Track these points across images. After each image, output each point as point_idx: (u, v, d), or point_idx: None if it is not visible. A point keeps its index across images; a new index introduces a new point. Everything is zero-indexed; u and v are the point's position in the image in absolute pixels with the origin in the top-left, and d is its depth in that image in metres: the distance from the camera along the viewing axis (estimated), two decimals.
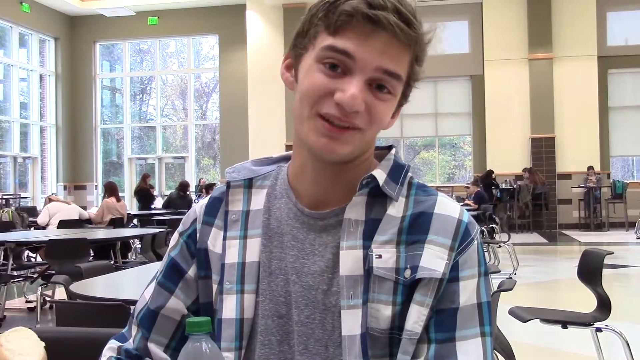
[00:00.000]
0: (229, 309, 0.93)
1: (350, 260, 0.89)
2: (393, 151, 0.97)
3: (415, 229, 0.89)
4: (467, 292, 0.88)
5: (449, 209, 0.91)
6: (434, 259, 0.87)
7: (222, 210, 0.98)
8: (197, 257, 0.97)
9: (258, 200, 0.98)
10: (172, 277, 0.98)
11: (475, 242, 0.91)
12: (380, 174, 0.91)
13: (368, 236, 0.89)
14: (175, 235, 1.01)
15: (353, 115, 0.85)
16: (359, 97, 0.84)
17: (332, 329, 0.89)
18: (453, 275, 0.88)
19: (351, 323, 0.87)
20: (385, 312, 0.87)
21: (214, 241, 0.97)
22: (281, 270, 0.93)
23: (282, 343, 0.91)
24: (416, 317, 0.86)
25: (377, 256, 0.88)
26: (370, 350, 0.86)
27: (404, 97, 0.93)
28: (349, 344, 0.86)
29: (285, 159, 1.03)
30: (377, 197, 0.91)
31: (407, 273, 0.87)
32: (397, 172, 0.94)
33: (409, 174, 0.95)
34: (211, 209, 0.99)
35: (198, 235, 0.98)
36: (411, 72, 0.90)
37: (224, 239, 0.96)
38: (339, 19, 0.85)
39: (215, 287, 0.95)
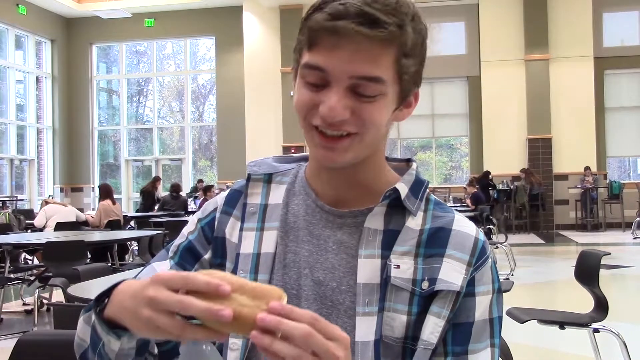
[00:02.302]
0: None
1: (368, 269, 0.91)
2: (414, 166, 1.01)
3: (434, 243, 0.92)
4: (481, 308, 0.92)
5: (466, 227, 0.95)
6: (452, 273, 0.90)
7: (241, 202, 1.01)
8: (213, 244, 0.99)
9: (277, 195, 1.00)
10: (188, 259, 1.00)
11: (490, 260, 0.94)
12: (402, 188, 0.94)
13: (386, 246, 0.92)
14: (194, 219, 1.03)
15: (339, 123, 0.86)
16: (337, 107, 0.85)
17: None
18: (469, 290, 0.91)
19: (365, 330, 0.89)
20: (400, 321, 0.89)
21: (231, 231, 0.99)
22: (295, 263, 0.94)
23: None
24: (432, 328, 0.89)
25: (396, 266, 0.90)
26: (382, 357, 0.88)
27: (415, 84, 0.92)
28: (362, 350, 0.88)
29: (305, 159, 1.06)
30: (396, 209, 0.94)
31: (425, 285, 0.90)
32: (418, 187, 0.97)
33: (427, 190, 0.98)
34: (231, 200, 1.02)
35: (216, 223, 1.00)
36: (398, 67, 0.87)
37: (241, 229, 0.98)
38: (310, 35, 0.87)
39: None
